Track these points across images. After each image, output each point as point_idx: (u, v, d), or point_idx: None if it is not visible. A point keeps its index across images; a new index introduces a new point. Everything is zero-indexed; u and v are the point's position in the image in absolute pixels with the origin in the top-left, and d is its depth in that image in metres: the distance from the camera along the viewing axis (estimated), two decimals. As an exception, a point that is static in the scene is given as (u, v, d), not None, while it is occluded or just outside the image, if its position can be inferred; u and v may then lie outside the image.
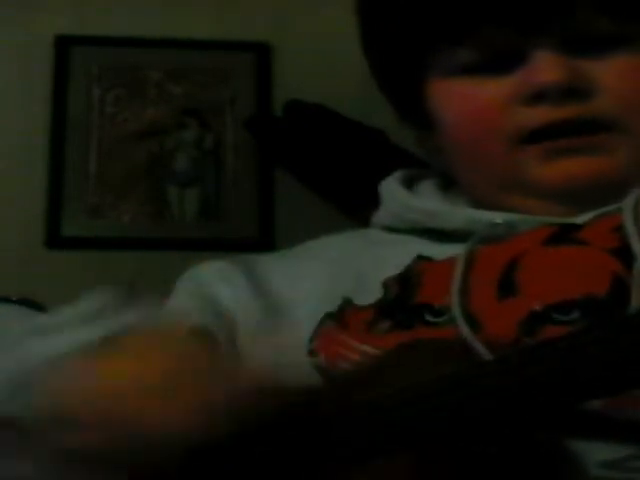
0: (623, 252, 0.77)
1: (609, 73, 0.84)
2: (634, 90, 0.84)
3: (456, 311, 0.77)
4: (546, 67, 0.83)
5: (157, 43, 2.32)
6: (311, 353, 0.81)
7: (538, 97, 0.83)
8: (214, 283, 0.91)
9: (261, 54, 2.33)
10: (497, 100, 0.85)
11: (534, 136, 0.84)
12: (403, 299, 0.82)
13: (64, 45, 2.29)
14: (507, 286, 0.79)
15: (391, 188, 0.94)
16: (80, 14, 2.31)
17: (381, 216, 0.95)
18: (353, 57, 2.52)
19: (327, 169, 2.18)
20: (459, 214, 0.87)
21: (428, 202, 0.91)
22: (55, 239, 2.21)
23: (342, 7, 2.61)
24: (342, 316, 0.83)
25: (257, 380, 0.62)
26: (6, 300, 1.93)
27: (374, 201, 0.96)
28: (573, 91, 0.83)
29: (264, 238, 2.21)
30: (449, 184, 0.95)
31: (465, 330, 0.75)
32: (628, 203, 0.81)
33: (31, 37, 2.28)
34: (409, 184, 0.94)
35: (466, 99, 0.88)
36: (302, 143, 2.18)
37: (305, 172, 2.23)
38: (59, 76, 2.28)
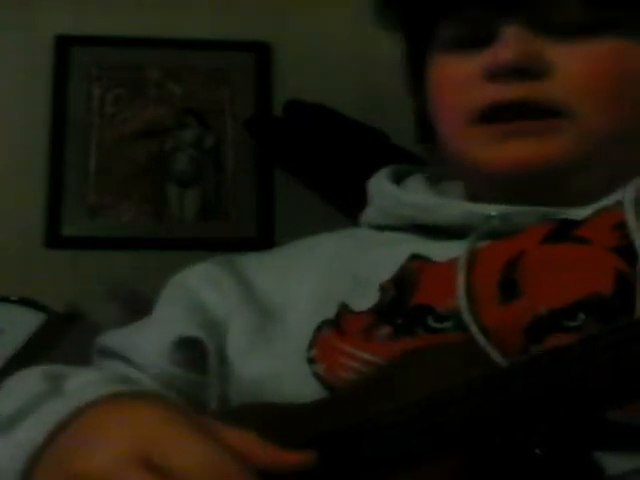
0: (625, 250, 0.76)
1: (571, 58, 0.82)
2: (591, 77, 0.82)
3: (467, 318, 0.75)
4: (506, 45, 0.82)
5: (157, 43, 2.32)
6: (310, 361, 0.80)
7: (493, 75, 0.83)
8: (201, 289, 0.89)
9: (261, 54, 2.33)
10: (463, 76, 0.85)
11: (486, 117, 0.84)
12: (400, 301, 0.80)
13: (64, 45, 2.29)
14: (509, 288, 0.77)
15: (379, 184, 0.92)
16: (80, 14, 2.31)
17: (370, 214, 0.93)
18: (353, 57, 2.51)
19: (327, 169, 2.17)
20: (453, 207, 0.85)
21: (419, 196, 0.89)
22: (55, 239, 2.21)
23: (342, 7, 2.61)
24: (340, 323, 0.81)
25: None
26: (6, 300, 1.93)
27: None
28: (524, 71, 0.82)
29: (264, 238, 2.21)
30: (438, 179, 0.94)
31: (480, 338, 0.73)
32: (628, 197, 0.79)
33: (31, 37, 2.28)
34: (397, 180, 0.92)
35: (442, 74, 0.87)
36: (302, 143, 2.18)
37: (305, 172, 2.23)
38: (59, 76, 2.28)
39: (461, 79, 0.85)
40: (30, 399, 0.73)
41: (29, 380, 0.77)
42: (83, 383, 0.77)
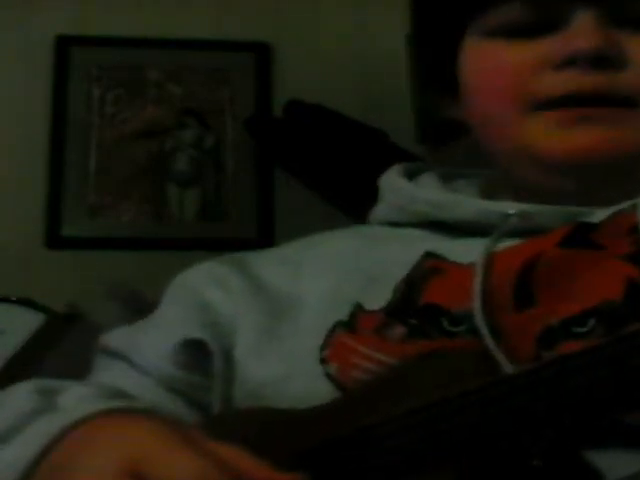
0: (637, 256, 0.74)
1: None
2: None
3: (479, 322, 0.74)
4: (584, 33, 0.80)
5: (157, 43, 2.32)
6: (322, 361, 0.78)
7: (568, 62, 0.81)
8: (206, 288, 0.87)
9: (261, 54, 2.33)
10: (526, 63, 0.83)
11: (552, 103, 0.81)
12: (409, 299, 0.79)
13: (64, 45, 2.29)
14: (524, 294, 0.76)
15: (392, 181, 0.90)
16: (80, 14, 2.31)
17: (381, 211, 0.91)
18: (353, 57, 2.51)
19: (327, 169, 2.18)
20: (468, 204, 0.84)
21: (433, 192, 0.88)
22: (55, 239, 2.21)
23: (342, 7, 2.61)
24: (354, 323, 0.79)
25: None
26: (6, 300, 1.93)
27: (374, 201, 0.95)
28: (604, 61, 0.80)
29: (264, 238, 2.21)
30: (450, 177, 0.93)
31: (490, 343, 0.72)
32: None
33: (31, 37, 2.29)
34: (409, 177, 0.91)
35: (495, 59, 0.85)
36: (302, 143, 2.18)
37: (305, 172, 2.23)
38: (59, 76, 2.28)
39: (522, 65, 0.83)
40: (23, 415, 0.73)
41: (21, 395, 0.77)
42: (76, 399, 0.76)
